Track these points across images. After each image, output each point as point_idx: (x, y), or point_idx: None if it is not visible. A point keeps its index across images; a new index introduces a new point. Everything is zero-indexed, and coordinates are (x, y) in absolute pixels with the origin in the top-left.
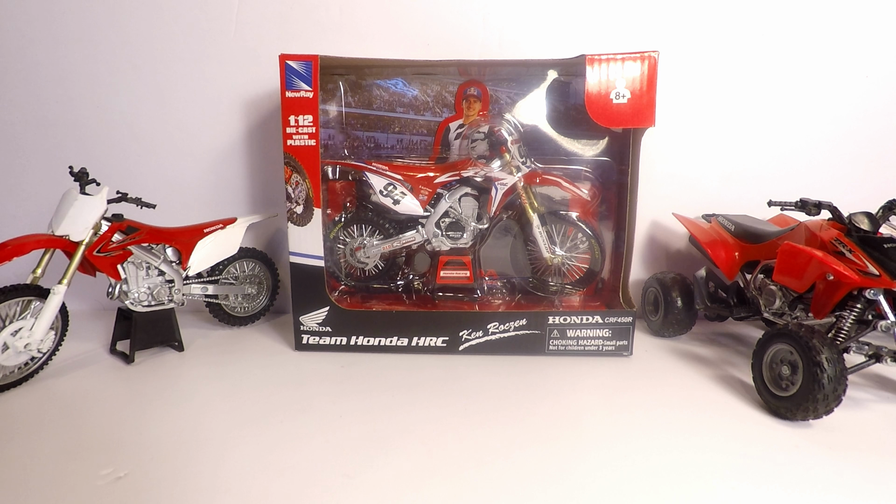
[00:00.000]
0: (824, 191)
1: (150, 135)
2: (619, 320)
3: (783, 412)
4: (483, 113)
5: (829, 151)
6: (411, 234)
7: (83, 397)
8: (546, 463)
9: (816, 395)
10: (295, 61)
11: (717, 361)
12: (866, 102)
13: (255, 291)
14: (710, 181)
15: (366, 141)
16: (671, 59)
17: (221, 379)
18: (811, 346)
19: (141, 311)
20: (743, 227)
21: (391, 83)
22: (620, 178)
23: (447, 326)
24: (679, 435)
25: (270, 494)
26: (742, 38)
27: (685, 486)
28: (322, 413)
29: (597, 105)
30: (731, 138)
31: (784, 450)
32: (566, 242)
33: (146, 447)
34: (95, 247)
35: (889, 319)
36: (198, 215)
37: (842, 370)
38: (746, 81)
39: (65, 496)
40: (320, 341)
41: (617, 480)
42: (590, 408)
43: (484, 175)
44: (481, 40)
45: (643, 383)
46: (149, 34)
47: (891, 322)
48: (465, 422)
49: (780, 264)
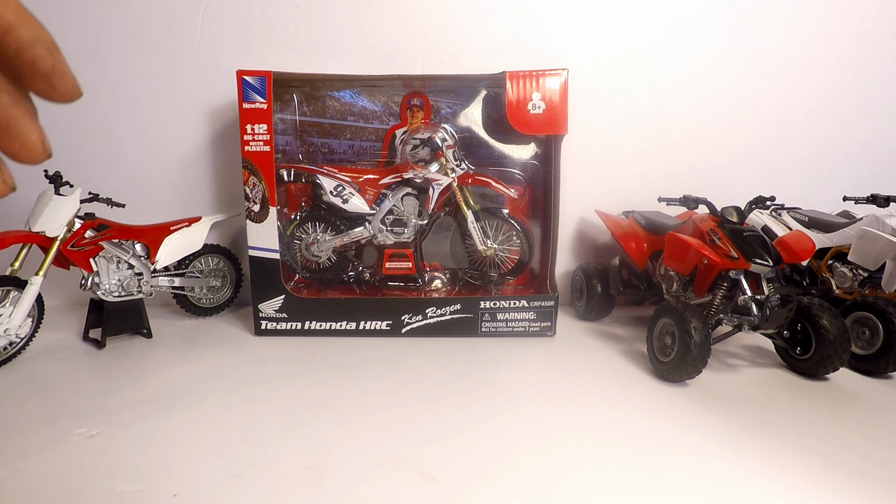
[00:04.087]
0: (728, 187)
1: (121, 141)
2: (542, 304)
3: (666, 375)
4: (425, 121)
5: (733, 153)
6: (360, 230)
7: (59, 376)
8: (471, 423)
9: (687, 358)
10: (251, 76)
11: (628, 339)
12: (760, 112)
13: (220, 284)
14: (630, 181)
15: (320, 147)
16: (595, 73)
17: (185, 360)
18: (684, 317)
19: (112, 301)
20: (652, 221)
21: (341, 94)
22: (546, 179)
23: (391, 312)
24: (588, 399)
25: (222, 443)
26: (652, 57)
27: (588, 438)
28: (273, 385)
29: (516, 115)
30: (647, 144)
31: (660, 403)
32: (499, 236)
33: (116, 412)
34: (69, 242)
35: (746, 295)
36: (165, 214)
37: (706, 336)
38: (658, 94)
39: (46, 450)
40: (277, 327)
41: (537, 438)
42: (515, 379)
43: (422, 177)
44: (423, 56)
45: (562, 358)
46: (119, 48)
47: (748, 297)
48: (401, 390)
49: (666, 251)
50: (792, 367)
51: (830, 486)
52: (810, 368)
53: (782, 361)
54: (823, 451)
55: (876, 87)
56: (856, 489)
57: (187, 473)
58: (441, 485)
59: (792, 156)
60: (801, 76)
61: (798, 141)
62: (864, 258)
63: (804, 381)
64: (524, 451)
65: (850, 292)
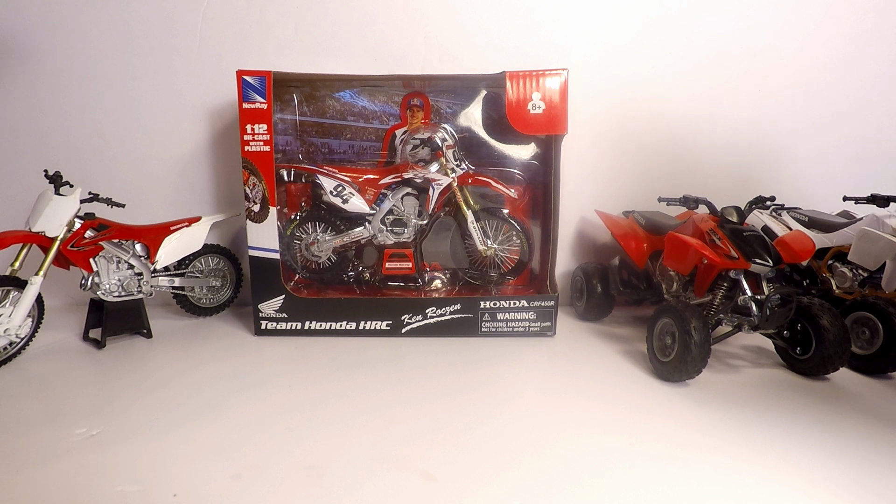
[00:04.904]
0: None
1: (121, 141)
2: (542, 304)
3: (666, 375)
4: (425, 121)
5: (733, 153)
6: (360, 230)
7: (59, 376)
8: (471, 423)
9: (687, 358)
10: (250, 76)
11: (628, 339)
12: (760, 112)
13: (220, 284)
14: (630, 181)
15: (320, 147)
16: (595, 73)
17: (185, 359)
18: (684, 317)
19: (112, 301)
20: (651, 221)
21: (341, 94)
22: (546, 179)
23: (391, 311)
24: (588, 398)
25: (222, 443)
26: (652, 57)
27: (588, 438)
28: (274, 384)
29: (516, 115)
30: (647, 144)
31: (660, 403)
32: (499, 236)
33: (116, 412)
34: (69, 242)
35: (746, 294)
36: (165, 214)
37: (706, 336)
38: (658, 94)
39: (46, 449)
40: (277, 327)
41: (537, 438)
42: (515, 379)
43: (422, 177)
44: (423, 56)
45: (562, 358)
46: (120, 49)
47: (748, 297)
48: (401, 390)
49: (666, 251)
50: (792, 367)
51: (830, 486)
52: (810, 368)
53: (782, 361)
54: (823, 451)
55: (876, 86)
56: (856, 489)
57: (187, 473)
58: (441, 484)
59: (792, 156)
60: (801, 76)
61: (798, 141)
62: (864, 258)
63: (804, 381)
64: (524, 451)
65: (850, 292)
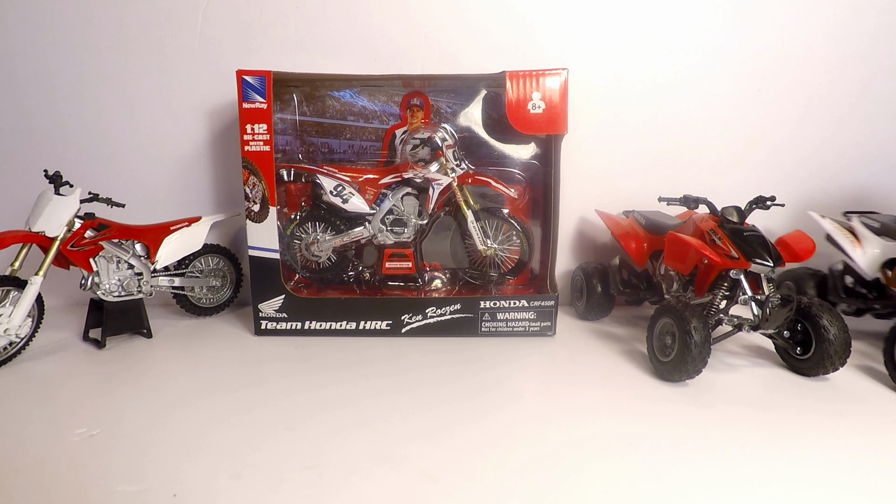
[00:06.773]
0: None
1: (121, 141)
2: (542, 304)
3: (666, 375)
4: (425, 121)
5: (733, 153)
6: (359, 230)
7: (59, 376)
8: (471, 423)
9: (687, 358)
10: (250, 76)
11: (627, 339)
12: (760, 112)
13: (220, 284)
14: (630, 181)
15: (320, 147)
16: (595, 73)
17: (185, 358)
18: (684, 317)
19: (112, 301)
20: (652, 221)
21: (341, 94)
22: (546, 179)
23: (391, 311)
24: (588, 398)
25: (222, 443)
26: (652, 56)
27: (588, 438)
28: (273, 384)
29: (516, 114)
30: (647, 144)
31: (660, 403)
32: (499, 236)
33: (116, 412)
34: (69, 242)
35: (746, 294)
36: (165, 214)
37: (706, 336)
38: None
39: (46, 450)
40: (277, 326)
41: (537, 437)
42: (515, 378)
43: (422, 176)
44: (423, 56)
45: (562, 357)
46: (120, 48)
47: (748, 297)
48: (401, 389)
49: (667, 251)
50: (792, 367)
51: (830, 486)
52: (810, 368)
53: (782, 361)
54: (824, 451)
55: (876, 86)
56: (856, 489)
57: (187, 473)
58: (441, 484)
59: (792, 156)
60: (801, 76)
61: (798, 141)
62: None
63: (804, 381)
64: (524, 451)
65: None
